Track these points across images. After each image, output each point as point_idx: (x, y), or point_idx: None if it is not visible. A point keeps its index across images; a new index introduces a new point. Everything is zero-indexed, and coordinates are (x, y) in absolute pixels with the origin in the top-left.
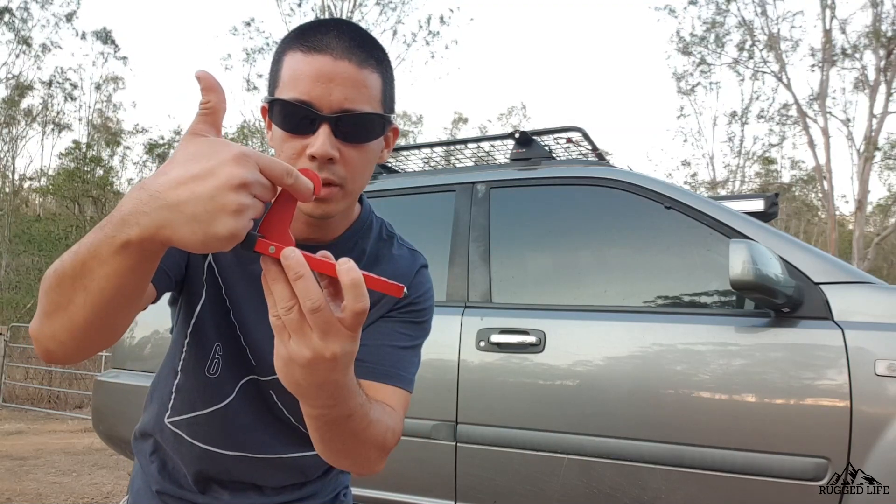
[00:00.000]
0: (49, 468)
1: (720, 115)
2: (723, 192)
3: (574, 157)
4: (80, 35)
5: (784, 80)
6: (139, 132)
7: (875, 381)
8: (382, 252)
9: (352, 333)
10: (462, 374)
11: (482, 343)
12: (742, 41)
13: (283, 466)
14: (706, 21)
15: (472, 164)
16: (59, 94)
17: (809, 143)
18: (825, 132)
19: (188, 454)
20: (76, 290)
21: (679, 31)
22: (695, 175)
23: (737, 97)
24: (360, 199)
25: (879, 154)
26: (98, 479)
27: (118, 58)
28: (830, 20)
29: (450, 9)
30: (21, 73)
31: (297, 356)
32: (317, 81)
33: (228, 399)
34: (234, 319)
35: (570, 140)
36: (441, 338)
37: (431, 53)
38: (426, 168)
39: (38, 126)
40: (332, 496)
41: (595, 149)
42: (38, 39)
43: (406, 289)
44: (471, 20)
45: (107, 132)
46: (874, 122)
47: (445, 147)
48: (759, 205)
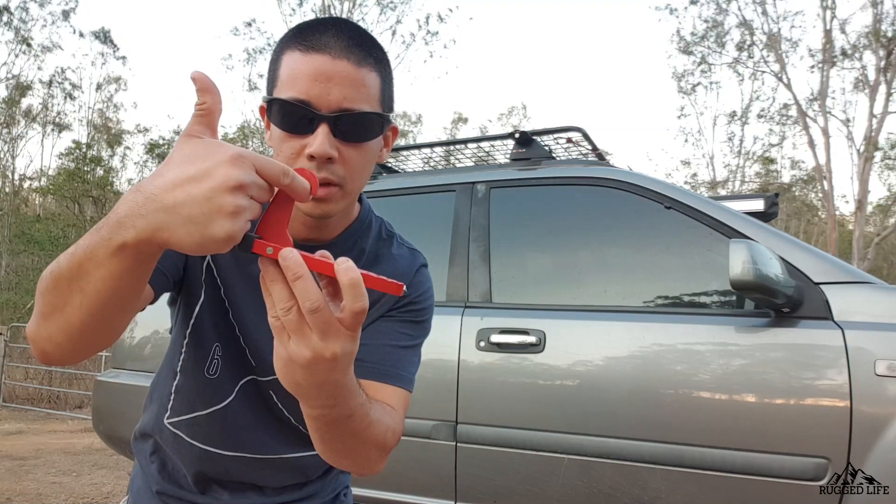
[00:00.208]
0: (49, 468)
1: (720, 115)
2: (723, 192)
3: (574, 157)
4: (79, 34)
5: (784, 80)
6: (141, 132)
7: (875, 381)
8: (382, 251)
9: (351, 333)
10: (462, 374)
11: (482, 343)
12: (742, 41)
13: (284, 467)
14: (707, 19)
15: (472, 164)
16: (59, 95)
17: (809, 143)
18: (825, 132)
19: (188, 455)
20: (72, 292)
21: (680, 31)
22: (695, 175)
23: (737, 97)
24: (360, 199)
25: (879, 154)
26: (98, 479)
27: (117, 58)
28: (830, 20)
29: (449, 8)
30: (21, 73)
31: (297, 357)
32: (315, 81)
33: (228, 400)
34: (234, 320)
35: (570, 140)
36: (441, 338)
37: (430, 53)
38: (426, 168)
39: (38, 126)
40: (333, 496)
41: (595, 149)
42: (38, 39)
43: (405, 288)
44: (470, 19)
45: (107, 132)
46: (874, 122)
47: (445, 147)
48: (759, 205)
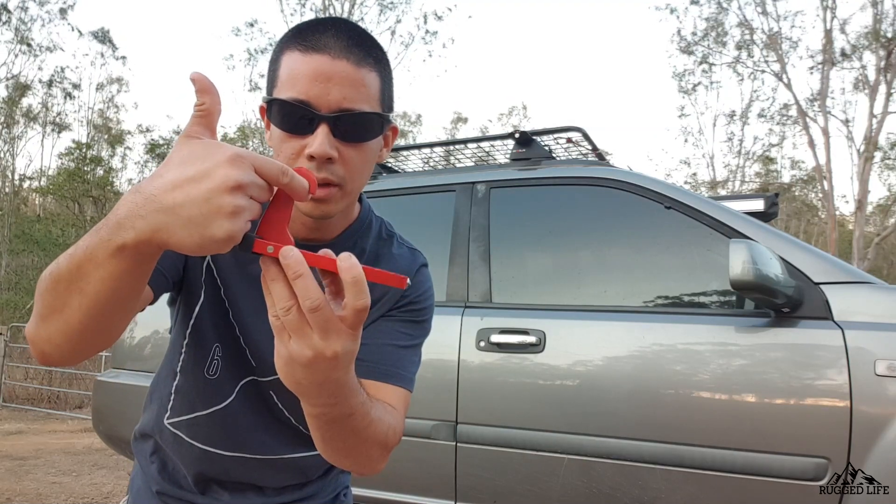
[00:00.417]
0: (49, 468)
1: (720, 115)
2: (723, 192)
3: (574, 157)
4: (77, 32)
5: (784, 81)
6: (142, 132)
7: (875, 381)
8: (382, 251)
9: (353, 332)
10: (462, 374)
11: (482, 343)
12: (742, 40)
13: (284, 467)
14: (708, 18)
15: (472, 164)
16: (59, 94)
17: (809, 143)
18: (825, 132)
19: (188, 455)
20: (71, 293)
21: (680, 30)
22: (694, 175)
23: (737, 97)
24: (360, 199)
25: (879, 154)
26: (98, 479)
27: (116, 58)
28: (830, 21)
29: (447, 7)
30: (21, 73)
31: (298, 356)
32: (315, 81)
33: (228, 400)
34: (234, 320)
35: (570, 140)
36: (441, 338)
37: (429, 53)
38: (426, 168)
39: (38, 126)
40: (333, 496)
41: (595, 149)
42: (38, 39)
43: (406, 288)
44: (469, 17)
45: (107, 132)
46: (874, 122)
47: (445, 147)
48: (759, 205)
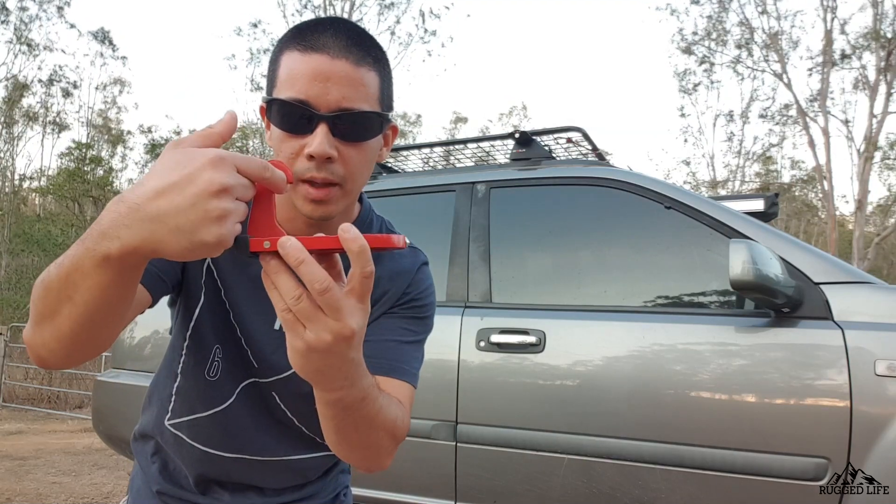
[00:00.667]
0: (49, 468)
1: (721, 115)
2: (723, 192)
3: (574, 157)
4: (77, 32)
5: (785, 81)
6: (143, 132)
7: (875, 381)
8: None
9: (362, 305)
10: (462, 374)
11: (482, 343)
12: (742, 38)
13: (284, 468)
14: (710, 16)
15: (472, 164)
16: (58, 93)
17: (809, 143)
18: (825, 132)
19: (189, 456)
20: (61, 302)
21: (682, 30)
22: (694, 174)
23: (737, 97)
24: (360, 198)
25: (879, 154)
26: (98, 479)
27: (115, 58)
28: (831, 21)
29: (445, 6)
30: (20, 73)
31: (317, 343)
32: (314, 80)
33: (229, 401)
34: (235, 322)
35: (570, 140)
36: (441, 338)
37: (428, 52)
38: (426, 168)
39: (38, 126)
40: (333, 496)
41: (595, 149)
42: (36, 38)
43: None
44: (467, 16)
45: (108, 132)
46: (874, 122)
47: (445, 147)
48: (759, 205)
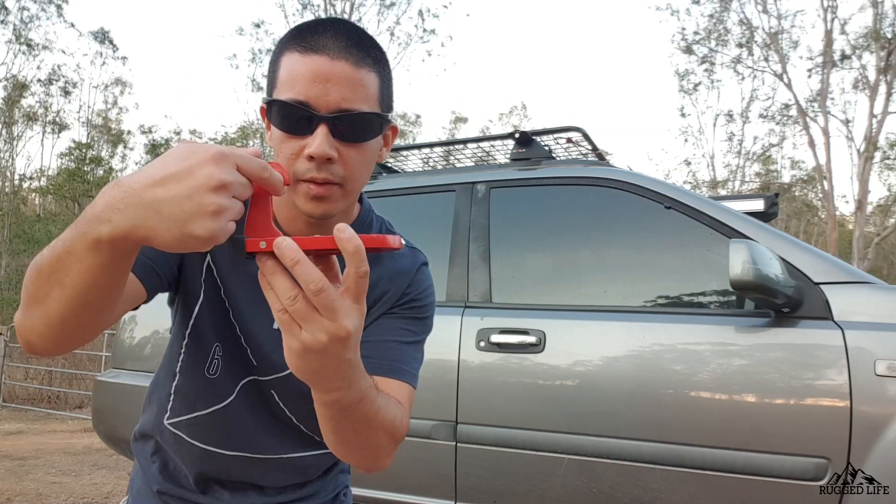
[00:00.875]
0: (49, 468)
1: (721, 115)
2: (723, 192)
3: (574, 157)
4: (76, 31)
5: (785, 80)
6: (144, 132)
7: (875, 381)
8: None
9: (358, 305)
10: (462, 374)
11: (482, 343)
12: (743, 36)
13: (284, 467)
14: (711, 14)
15: (472, 164)
16: (57, 92)
17: (809, 143)
18: (825, 132)
19: (188, 455)
20: (52, 285)
21: (683, 29)
22: (694, 174)
23: (737, 96)
24: (360, 199)
25: (879, 154)
26: (98, 479)
27: (115, 58)
28: (831, 21)
29: (443, 5)
30: (20, 72)
31: (313, 343)
32: (314, 81)
33: (229, 399)
34: (234, 320)
35: (570, 140)
36: (441, 338)
37: (428, 52)
38: (426, 168)
39: (38, 126)
40: (333, 496)
41: (595, 149)
42: (36, 38)
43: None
44: (467, 16)
45: (108, 132)
46: (874, 122)
47: (445, 147)
48: (759, 205)
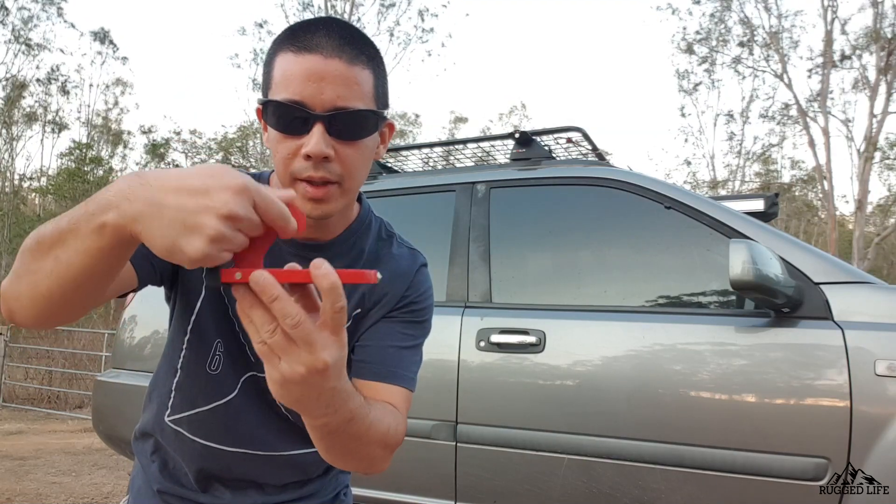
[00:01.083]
0: (49, 468)
1: (721, 115)
2: (723, 192)
3: (574, 157)
4: (76, 31)
5: (785, 80)
6: (144, 133)
7: (875, 381)
8: (382, 251)
9: (337, 338)
10: (462, 374)
11: (482, 343)
12: (744, 38)
13: (285, 464)
14: (713, 13)
15: (472, 164)
16: (55, 91)
17: (809, 143)
18: (825, 132)
19: (189, 451)
20: (48, 258)
21: (685, 28)
22: (695, 174)
23: (737, 96)
24: (360, 199)
25: (879, 154)
26: (98, 479)
27: (115, 58)
28: (831, 21)
29: (442, 4)
30: (19, 72)
31: (291, 375)
32: (308, 81)
33: (230, 395)
34: (233, 316)
35: (570, 140)
36: (441, 338)
37: (428, 52)
38: (426, 168)
39: (38, 126)
40: (333, 495)
41: (595, 149)
42: (35, 38)
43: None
44: (466, 15)
45: (108, 132)
46: (874, 122)
47: (445, 147)
48: (759, 205)
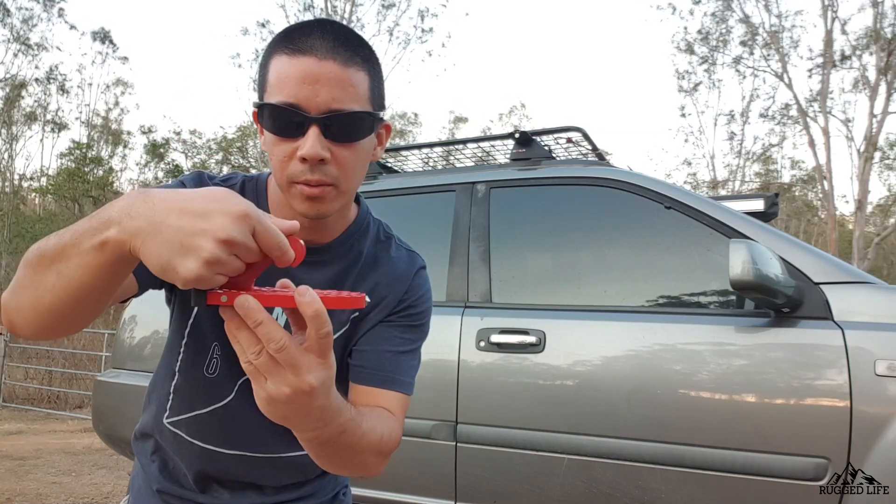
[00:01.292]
0: (49, 468)
1: (721, 115)
2: (723, 192)
3: (574, 157)
4: (77, 31)
5: (785, 80)
6: (144, 133)
7: (875, 381)
8: (380, 254)
9: (323, 360)
10: (462, 374)
11: (482, 343)
12: (745, 38)
13: (283, 466)
14: (713, 14)
15: (472, 164)
16: (54, 90)
17: (809, 143)
18: (825, 132)
19: (188, 454)
20: (50, 272)
21: (686, 28)
22: (695, 174)
23: (737, 96)
24: (359, 201)
25: (879, 154)
26: (98, 479)
27: (115, 58)
28: (831, 21)
29: (442, 3)
30: (19, 72)
31: (277, 395)
32: (303, 83)
33: (228, 398)
34: None
35: (570, 140)
36: (441, 338)
37: (428, 52)
38: (426, 168)
39: (37, 126)
40: (332, 495)
41: (595, 149)
42: (35, 38)
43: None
44: (466, 14)
45: (108, 132)
46: (874, 122)
47: (445, 147)
48: (759, 205)
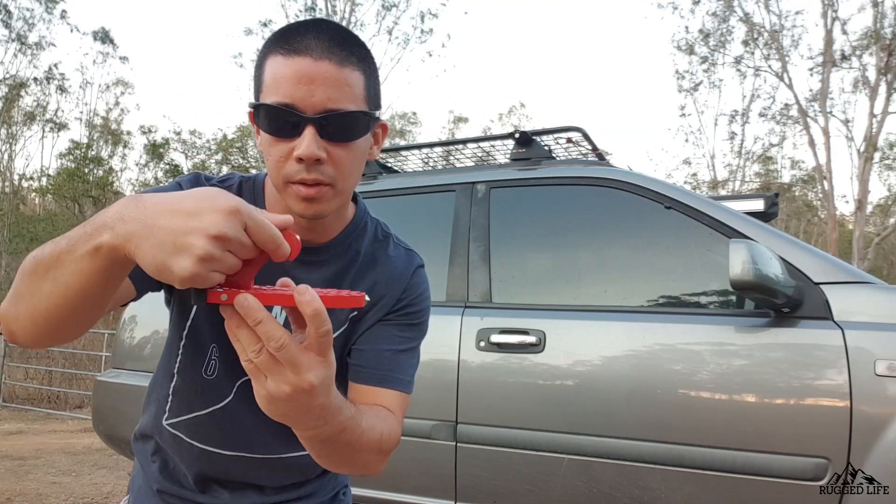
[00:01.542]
0: (49, 468)
1: (721, 115)
2: (723, 192)
3: (574, 157)
4: (77, 31)
5: (786, 80)
6: (145, 133)
7: (875, 381)
8: (378, 253)
9: (323, 359)
10: (462, 374)
11: (482, 343)
12: (745, 37)
13: (282, 466)
14: (715, 13)
15: (472, 164)
16: (54, 89)
17: (809, 143)
18: (825, 132)
19: (188, 455)
20: (46, 279)
21: (687, 27)
22: (695, 175)
23: (738, 95)
24: (356, 201)
25: (878, 154)
26: (98, 479)
27: (115, 57)
28: (832, 21)
29: (441, 3)
30: (18, 72)
31: (277, 393)
32: (298, 83)
33: (227, 400)
34: None
35: (570, 140)
36: (441, 338)
37: (428, 52)
38: (426, 168)
39: (37, 126)
40: (332, 495)
41: (595, 149)
42: (35, 38)
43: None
44: (465, 14)
45: (108, 132)
46: (874, 123)
47: (445, 147)
48: (759, 205)
